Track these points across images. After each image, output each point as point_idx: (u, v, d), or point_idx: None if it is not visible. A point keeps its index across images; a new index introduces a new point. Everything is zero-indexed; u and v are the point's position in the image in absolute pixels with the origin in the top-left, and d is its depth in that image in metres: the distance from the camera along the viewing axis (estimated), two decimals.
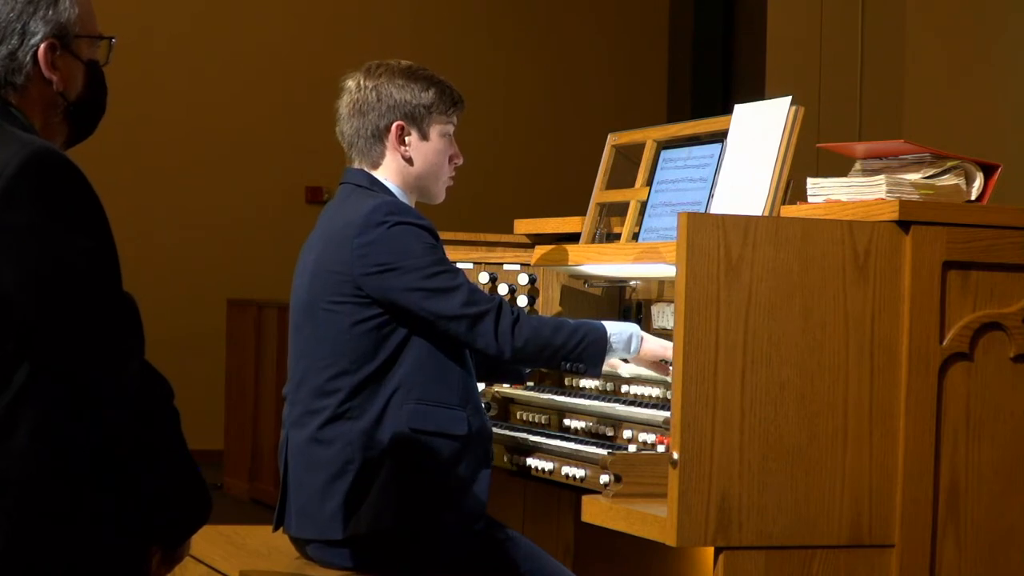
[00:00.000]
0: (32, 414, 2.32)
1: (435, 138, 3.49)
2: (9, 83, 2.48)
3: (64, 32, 2.51)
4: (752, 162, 3.32)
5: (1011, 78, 7.73)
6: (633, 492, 3.01)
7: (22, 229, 2.31)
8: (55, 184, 2.34)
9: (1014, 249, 2.93)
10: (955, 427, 2.90)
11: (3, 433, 2.31)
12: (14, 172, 2.30)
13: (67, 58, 2.53)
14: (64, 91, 2.54)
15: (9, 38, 2.47)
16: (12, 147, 2.34)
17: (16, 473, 2.30)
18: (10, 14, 2.48)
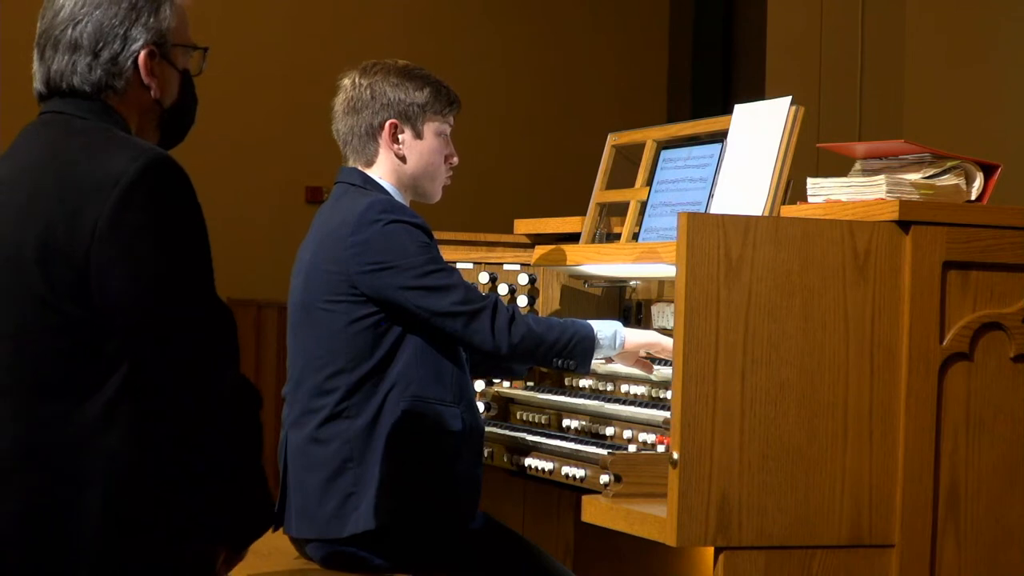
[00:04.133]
0: (126, 415, 2.37)
1: (429, 137, 3.49)
2: (110, 87, 2.53)
3: (163, 40, 2.56)
4: (752, 162, 3.32)
5: (1011, 78, 7.73)
6: (633, 492, 3.01)
7: (137, 232, 2.36)
8: (171, 191, 2.40)
9: (1014, 249, 2.93)
10: (955, 427, 2.90)
11: (97, 432, 2.36)
12: (135, 177, 2.36)
13: (164, 66, 2.58)
14: (160, 98, 2.58)
15: (111, 43, 2.52)
16: (130, 151, 2.40)
17: (106, 472, 2.36)
18: (113, 20, 2.52)
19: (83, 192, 2.37)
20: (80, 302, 2.36)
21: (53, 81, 2.55)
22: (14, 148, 2.55)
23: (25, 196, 2.43)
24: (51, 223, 2.37)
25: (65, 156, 2.43)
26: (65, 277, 2.36)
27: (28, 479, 2.37)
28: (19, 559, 2.36)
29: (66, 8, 2.53)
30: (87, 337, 2.37)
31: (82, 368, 2.37)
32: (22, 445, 2.38)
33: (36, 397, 2.38)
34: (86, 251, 2.35)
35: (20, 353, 2.39)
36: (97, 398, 2.37)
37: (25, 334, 2.39)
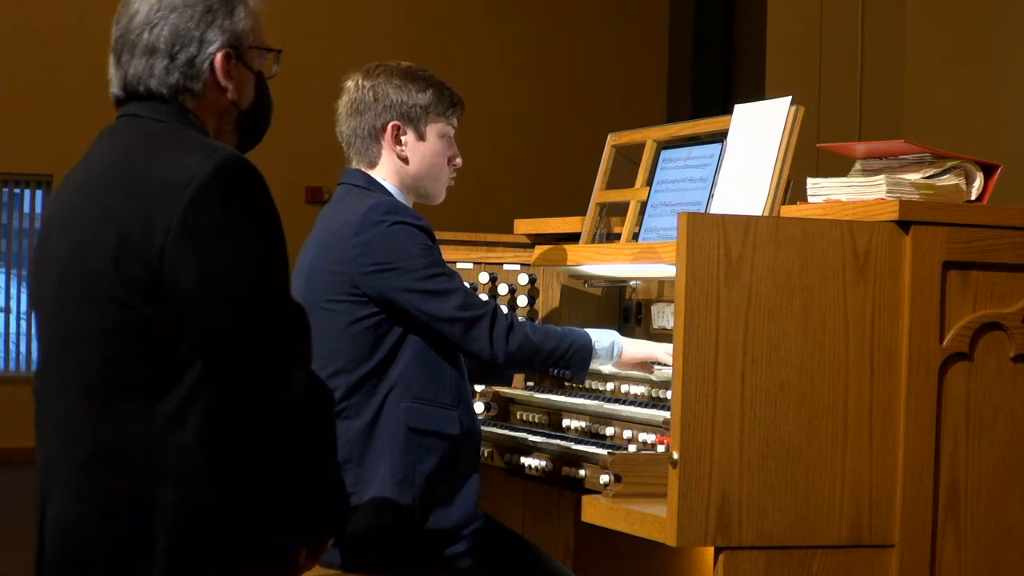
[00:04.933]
0: (200, 412, 2.39)
1: (432, 139, 3.49)
2: (188, 89, 2.55)
3: (239, 42, 2.58)
4: (752, 162, 3.32)
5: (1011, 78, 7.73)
6: (633, 492, 3.01)
7: (210, 232, 2.38)
8: (244, 191, 2.42)
9: (1014, 249, 2.93)
10: (955, 427, 2.90)
11: (171, 429, 2.38)
12: (208, 177, 2.38)
13: (240, 68, 2.59)
14: (237, 100, 2.60)
15: (188, 45, 2.54)
16: (202, 152, 2.42)
17: (181, 468, 2.39)
18: (188, 23, 2.54)
19: (156, 193, 2.39)
20: (155, 301, 2.38)
21: (130, 85, 2.55)
22: (91, 151, 2.57)
23: (100, 198, 2.45)
24: (125, 224, 2.39)
25: (139, 158, 2.45)
26: (141, 277, 2.38)
27: (102, 476, 2.40)
28: (93, 555, 2.39)
29: (141, 12, 2.54)
30: (162, 336, 2.39)
31: (157, 367, 2.39)
32: (98, 443, 2.41)
33: (112, 396, 2.40)
34: (160, 251, 2.37)
35: (97, 352, 2.41)
36: (171, 396, 2.39)
37: (102, 334, 2.41)
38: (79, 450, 2.42)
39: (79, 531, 2.41)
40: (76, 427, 2.43)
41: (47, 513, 2.46)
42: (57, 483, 2.45)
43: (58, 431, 2.46)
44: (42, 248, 2.56)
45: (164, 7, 2.53)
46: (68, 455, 2.44)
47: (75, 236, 2.45)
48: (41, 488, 2.49)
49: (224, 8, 2.57)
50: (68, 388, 2.45)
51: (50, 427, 2.48)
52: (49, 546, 2.45)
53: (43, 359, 2.52)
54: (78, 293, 2.43)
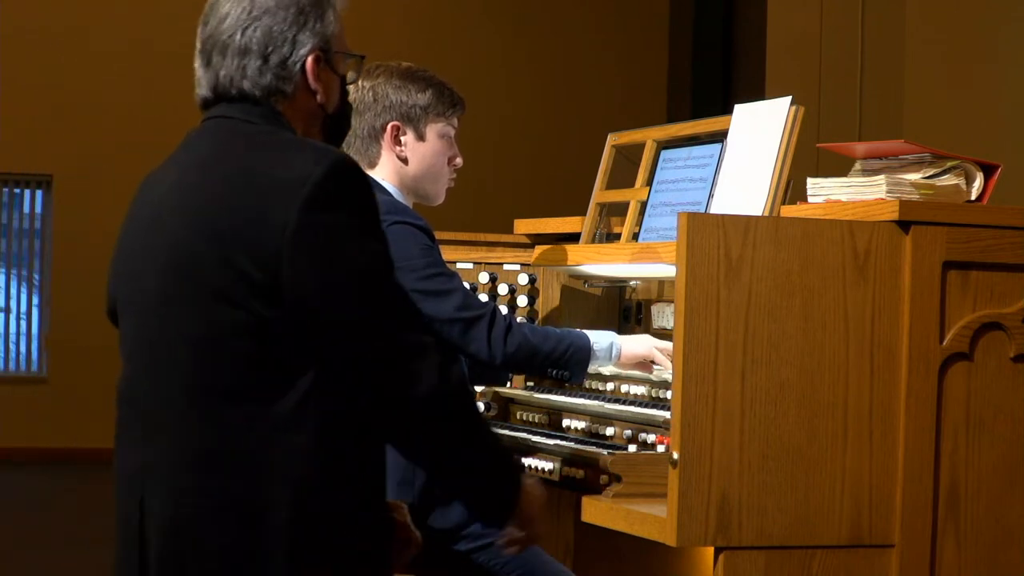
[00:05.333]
0: (317, 415, 2.40)
1: (432, 139, 3.49)
2: (280, 91, 2.55)
3: (328, 45, 2.59)
4: (752, 162, 3.32)
5: (1011, 78, 7.73)
6: (633, 492, 3.01)
7: (330, 231, 2.38)
8: (356, 190, 2.43)
9: (1014, 249, 2.93)
10: (955, 427, 2.90)
11: (287, 431, 2.38)
12: (322, 177, 2.39)
13: (328, 71, 2.60)
14: (324, 103, 2.61)
15: (280, 47, 2.54)
16: (313, 152, 2.43)
17: (297, 472, 2.38)
18: (282, 24, 2.54)
19: (267, 194, 2.39)
20: (271, 303, 2.37)
21: (222, 86, 2.55)
22: (181, 153, 2.57)
23: (200, 201, 2.44)
24: (233, 226, 2.39)
25: (243, 160, 2.45)
26: (256, 277, 2.37)
27: (215, 480, 2.39)
28: (208, 558, 2.39)
29: (232, 14, 2.54)
30: (278, 337, 2.38)
31: (272, 369, 2.39)
32: (210, 446, 2.40)
33: (226, 398, 2.39)
34: (276, 252, 2.36)
35: (205, 356, 2.40)
36: (287, 399, 2.38)
37: (214, 336, 2.40)
38: (187, 454, 2.40)
39: (191, 534, 2.39)
40: (185, 430, 2.41)
41: (149, 517, 2.44)
42: (160, 487, 2.43)
43: (160, 435, 2.43)
44: (127, 252, 2.55)
45: (257, 9, 2.54)
46: (174, 459, 2.41)
47: (178, 238, 2.44)
48: (132, 492, 2.46)
49: (315, 11, 2.58)
50: (173, 391, 2.43)
51: (148, 431, 2.45)
52: (158, 549, 2.43)
53: (136, 362, 2.50)
54: (186, 296, 2.42)
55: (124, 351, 2.55)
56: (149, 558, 2.44)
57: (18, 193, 12.73)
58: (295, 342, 2.39)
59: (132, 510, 2.46)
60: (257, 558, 2.38)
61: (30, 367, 12.75)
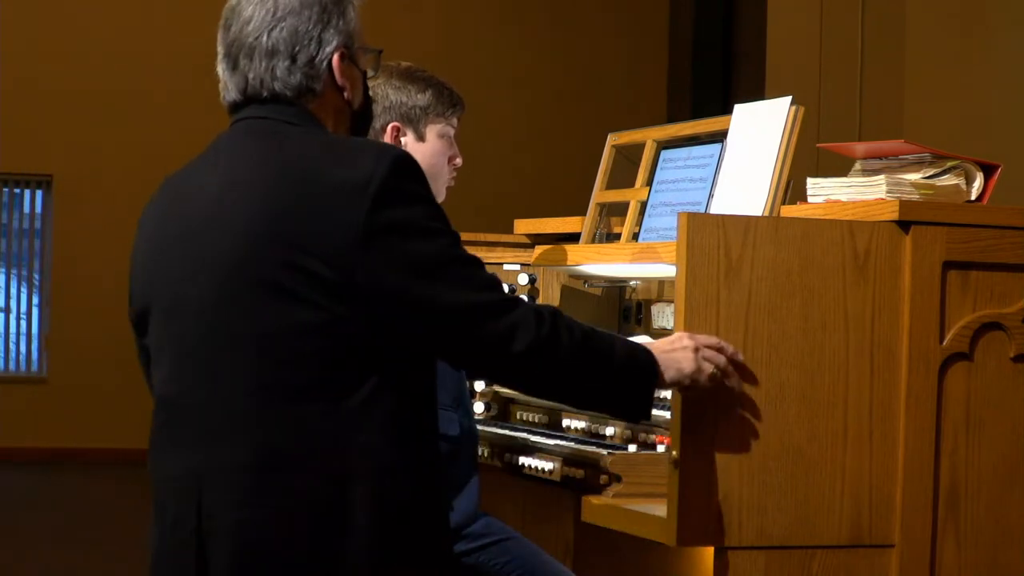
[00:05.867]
0: (386, 411, 2.42)
1: (432, 139, 3.49)
2: (310, 90, 2.57)
3: (351, 42, 2.62)
4: (752, 162, 3.32)
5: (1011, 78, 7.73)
6: (633, 492, 3.01)
7: (406, 227, 2.41)
8: (420, 183, 2.47)
9: (1014, 249, 2.93)
10: (955, 427, 2.90)
11: (360, 428, 2.40)
12: (387, 174, 2.41)
13: (352, 67, 2.63)
14: (351, 100, 2.63)
15: (307, 46, 2.56)
16: (372, 150, 2.45)
17: (373, 468, 2.40)
18: (307, 23, 2.56)
19: (333, 194, 2.40)
20: (344, 301, 2.39)
21: (252, 88, 2.56)
22: (219, 156, 2.56)
23: (259, 203, 2.44)
24: (299, 228, 2.39)
25: (300, 161, 2.45)
26: (326, 276, 2.38)
27: (285, 479, 2.39)
28: (283, 558, 2.39)
29: (257, 17, 2.55)
30: (346, 335, 2.40)
31: (340, 367, 2.40)
32: (282, 448, 2.39)
33: (292, 397, 2.40)
34: (349, 252, 2.38)
35: (271, 356, 2.40)
36: (356, 396, 2.40)
37: (278, 337, 2.40)
38: (256, 455, 2.40)
39: (270, 536, 2.39)
40: (252, 432, 2.40)
41: (210, 521, 2.42)
42: (224, 490, 2.42)
43: (221, 437, 2.42)
44: (164, 257, 2.54)
45: (281, 10, 2.55)
46: (241, 461, 2.41)
47: (237, 241, 2.43)
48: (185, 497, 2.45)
49: (337, 9, 2.60)
50: (236, 393, 2.42)
51: (205, 434, 2.44)
52: (227, 553, 2.41)
53: (186, 366, 2.49)
54: (249, 298, 2.41)
55: (166, 355, 2.53)
56: (209, 563, 2.42)
57: (18, 193, 12.73)
58: (363, 339, 2.40)
59: (186, 515, 2.44)
60: (340, 558, 2.38)
61: (30, 367, 12.75)
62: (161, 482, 2.52)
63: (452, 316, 2.42)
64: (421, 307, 2.41)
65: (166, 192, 2.63)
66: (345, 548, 2.38)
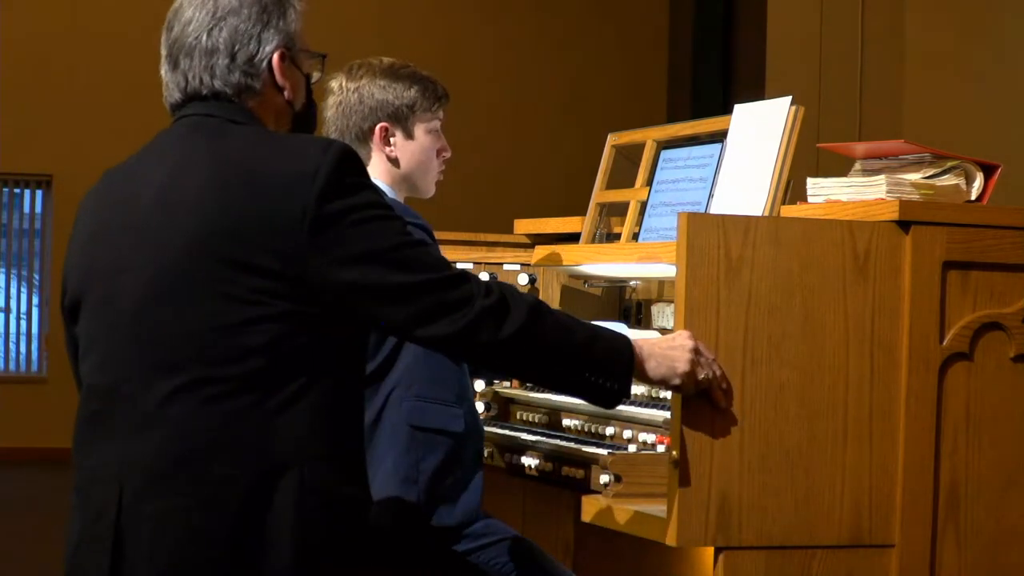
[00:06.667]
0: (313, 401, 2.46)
1: (420, 136, 3.49)
2: (249, 88, 2.60)
3: (291, 43, 2.65)
4: (752, 162, 3.32)
5: (1011, 78, 7.73)
6: (633, 492, 3.01)
7: (355, 216, 2.44)
8: (364, 174, 2.50)
9: (1014, 249, 2.93)
10: (955, 427, 2.90)
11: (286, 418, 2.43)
12: (333, 166, 2.44)
13: (293, 69, 2.66)
14: (292, 100, 2.66)
15: (247, 45, 2.60)
16: (315, 144, 2.49)
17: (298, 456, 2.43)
18: (246, 23, 2.60)
19: (279, 189, 2.43)
20: (288, 295, 2.42)
21: (192, 87, 2.60)
22: (161, 151, 2.59)
23: (203, 199, 2.46)
24: (245, 223, 2.42)
25: (243, 156, 2.48)
26: (274, 269, 2.41)
27: (217, 470, 2.41)
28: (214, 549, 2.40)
29: (197, 18, 2.59)
30: (284, 329, 2.42)
31: (271, 360, 2.42)
32: (208, 440, 2.42)
33: (223, 390, 2.42)
34: (299, 244, 2.41)
35: (206, 351, 2.43)
36: (283, 391, 2.43)
37: (213, 332, 2.42)
38: (181, 445, 2.42)
39: (191, 524, 2.41)
40: (172, 424, 2.43)
41: (130, 510, 2.44)
42: (148, 480, 2.44)
43: (147, 429, 2.45)
44: (102, 248, 2.56)
45: (221, 11, 2.58)
46: (166, 451, 2.43)
47: (179, 237, 2.45)
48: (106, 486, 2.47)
49: (277, 9, 2.63)
50: (168, 384, 2.44)
51: (131, 425, 2.47)
52: (146, 542, 2.43)
53: (115, 357, 2.51)
54: (188, 293, 2.44)
55: (97, 345, 2.55)
56: (125, 552, 2.43)
57: (18, 193, 12.73)
58: (301, 331, 2.43)
59: (106, 504, 2.46)
60: (263, 545, 2.40)
61: (30, 367, 12.74)
62: (84, 471, 2.54)
63: (400, 297, 2.45)
64: (376, 292, 2.44)
65: (106, 184, 2.66)
66: (267, 537, 2.40)
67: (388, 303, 2.46)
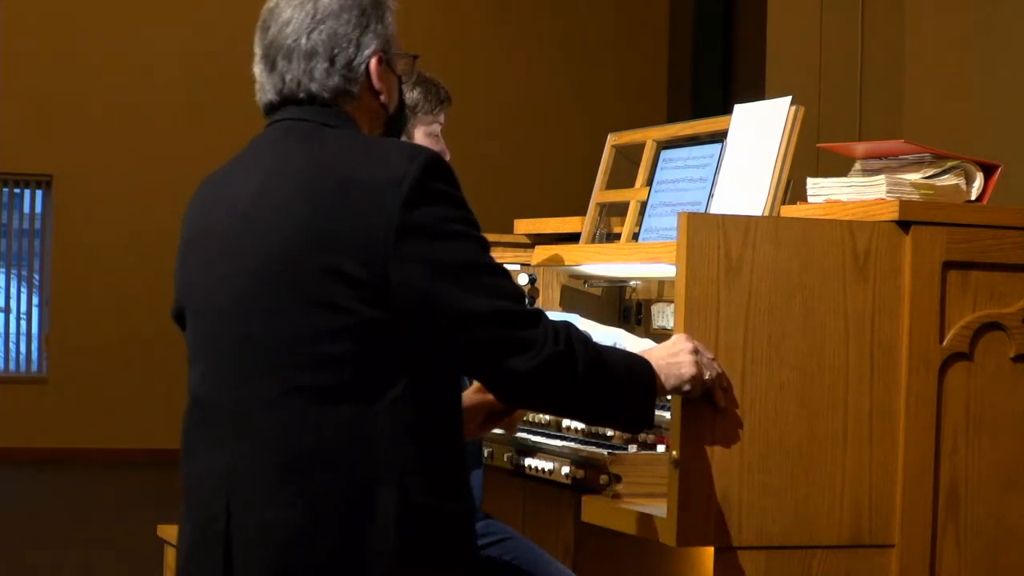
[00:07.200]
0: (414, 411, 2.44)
1: (419, 138, 3.48)
2: (347, 92, 2.59)
3: (388, 46, 2.63)
4: (752, 162, 3.32)
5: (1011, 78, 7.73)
6: (633, 492, 3.01)
7: (435, 227, 2.42)
8: (452, 185, 2.48)
9: (1014, 249, 2.93)
10: (955, 427, 2.90)
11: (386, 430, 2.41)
12: (419, 174, 2.42)
13: (388, 72, 2.64)
14: (387, 103, 2.65)
15: (346, 49, 2.58)
16: (405, 151, 2.46)
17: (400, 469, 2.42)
18: (346, 26, 2.58)
19: (366, 195, 2.41)
20: (375, 303, 2.40)
21: (289, 89, 2.58)
22: (255, 158, 2.58)
23: (295, 204, 2.45)
24: (334, 229, 2.41)
25: (335, 162, 2.47)
26: (360, 280, 2.39)
27: (316, 480, 2.40)
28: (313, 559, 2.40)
29: (296, 19, 2.57)
30: (377, 338, 2.41)
31: (370, 368, 2.41)
32: (312, 449, 2.41)
33: (323, 399, 2.41)
34: (381, 251, 2.39)
35: (305, 357, 2.42)
36: (386, 397, 2.41)
37: (311, 339, 2.41)
38: (285, 455, 2.41)
39: (295, 535, 2.40)
40: (281, 432, 2.42)
41: (237, 519, 2.44)
42: (253, 489, 2.43)
43: (253, 436, 2.44)
44: (202, 257, 2.56)
45: (321, 13, 2.56)
46: (270, 460, 2.42)
47: (274, 242, 2.44)
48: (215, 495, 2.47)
49: (376, 13, 2.61)
50: (268, 393, 2.43)
51: (237, 433, 2.46)
52: (254, 552, 2.43)
53: (219, 365, 2.51)
54: (284, 299, 2.43)
55: (199, 354, 2.56)
56: (234, 561, 2.44)
57: (18, 193, 12.73)
58: (394, 340, 2.42)
59: (215, 513, 2.46)
60: (364, 560, 2.40)
61: (30, 367, 12.74)
62: (191, 480, 2.54)
63: (468, 321, 2.43)
64: (440, 309, 2.41)
65: (203, 192, 2.65)
66: (369, 550, 2.40)
67: (454, 324, 2.43)
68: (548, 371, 2.47)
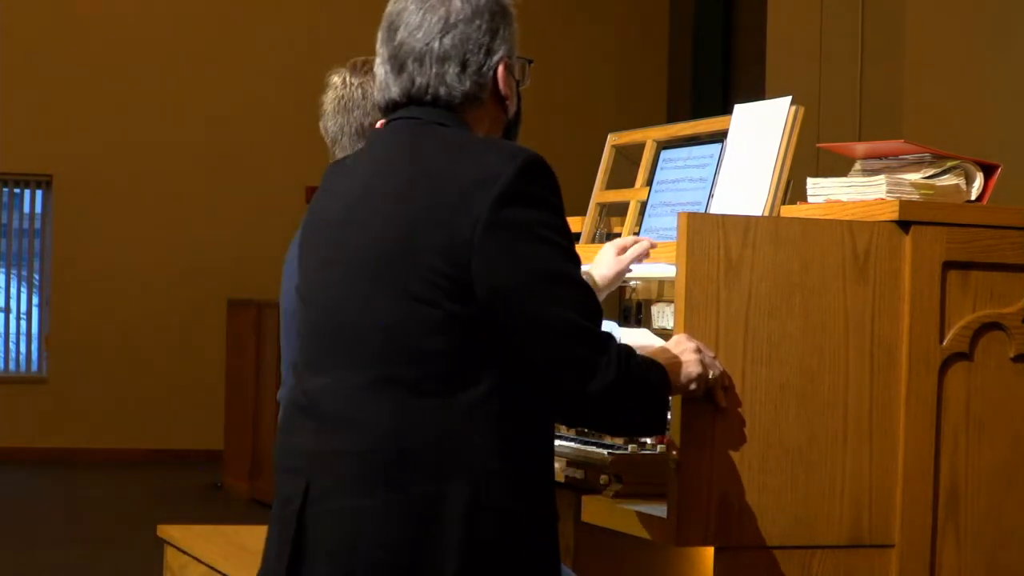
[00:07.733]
0: (496, 412, 2.44)
1: None
2: (476, 97, 2.60)
3: (512, 52, 2.64)
4: (752, 162, 3.32)
5: (1011, 78, 7.73)
6: (633, 492, 3.01)
7: (521, 228, 2.43)
8: (549, 189, 2.49)
9: (1014, 249, 2.93)
10: (955, 427, 2.90)
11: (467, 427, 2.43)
12: (515, 174, 2.44)
13: (511, 78, 2.65)
14: (509, 108, 2.66)
15: (476, 54, 2.59)
16: (506, 150, 2.48)
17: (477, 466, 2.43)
18: (477, 32, 2.59)
19: (462, 191, 2.43)
20: (461, 298, 2.42)
21: (417, 91, 2.59)
22: (373, 152, 2.61)
23: (394, 198, 2.49)
24: (428, 223, 2.43)
25: (438, 159, 2.49)
26: (447, 274, 2.41)
27: (394, 472, 2.42)
28: (383, 550, 2.42)
29: (426, 24, 2.58)
30: (464, 334, 2.43)
31: (456, 364, 2.43)
32: (391, 440, 2.43)
33: (409, 392, 2.44)
34: (467, 245, 2.41)
35: (393, 349, 2.44)
36: (468, 394, 2.43)
37: (400, 331, 2.44)
38: (365, 444, 2.44)
39: (365, 523, 2.43)
40: (364, 421, 2.45)
41: (312, 504, 2.47)
42: (331, 475, 2.46)
43: (337, 424, 2.48)
44: (313, 243, 2.61)
45: (453, 17, 2.57)
46: (350, 448, 2.45)
47: (370, 235, 2.49)
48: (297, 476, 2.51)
49: (504, 19, 2.63)
50: (356, 381, 2.47)
51: (324, 419, 2.50)
52: (323, 536, 2.46)
53: (315, 350, 2.55)
54: (377, 290, 2.46)
55: (303, 337, 2.61)
56: (306, 543, 2.47)
57: (18, 193, 12.73)
58: (481, 338, 2.43)
59: (294, 493, 2.50)
60: (431, 551, 2.41)
61: (30, 367, 12.74)
62: (279, 456, 2.58)
63: (536, 327, 2.43)
64: (512, 310, 2.42)
65: (325, 181, 2.70)
66: (441, 544, 2.42)
67: (523, 327, 2.43)
68: (603, 400, 2.47)
